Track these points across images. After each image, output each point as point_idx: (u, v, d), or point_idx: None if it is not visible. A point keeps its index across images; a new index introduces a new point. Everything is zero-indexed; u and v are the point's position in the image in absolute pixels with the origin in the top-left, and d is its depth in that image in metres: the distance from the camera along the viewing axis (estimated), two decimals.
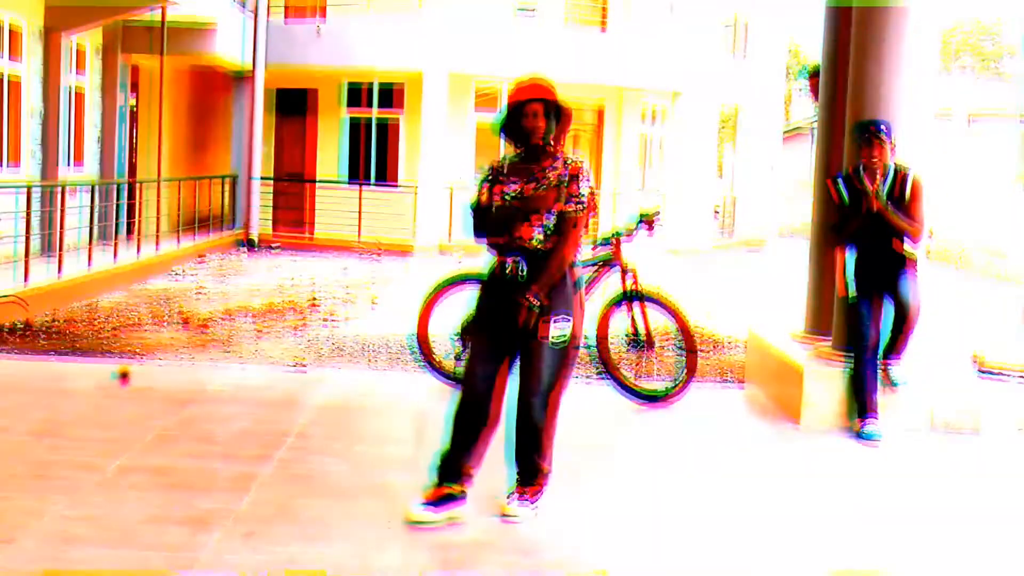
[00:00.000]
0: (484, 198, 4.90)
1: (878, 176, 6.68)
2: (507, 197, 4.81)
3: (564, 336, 4.76)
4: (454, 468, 4.74)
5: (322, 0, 22.41)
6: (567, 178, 4.78)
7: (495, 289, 4.84)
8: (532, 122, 4.76)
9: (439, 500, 4.69)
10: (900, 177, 6.70)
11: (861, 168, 6.73)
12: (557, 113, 4.81)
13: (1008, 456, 6.58)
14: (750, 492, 5.58)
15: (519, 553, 4.45)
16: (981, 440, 6.80)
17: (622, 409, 7.25)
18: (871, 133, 6.63)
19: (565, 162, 4.82)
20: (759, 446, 6.58)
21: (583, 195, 4.80)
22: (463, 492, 4.75)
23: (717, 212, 27.29)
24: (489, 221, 4.87)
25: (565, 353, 4.79)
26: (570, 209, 4.78)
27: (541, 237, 4.77)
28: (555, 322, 4.74)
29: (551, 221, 4.77)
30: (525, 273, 4.75)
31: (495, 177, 4.91)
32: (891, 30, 6.91)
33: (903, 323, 6.76)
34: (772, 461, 6.25)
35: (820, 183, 7.92)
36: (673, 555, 4.60)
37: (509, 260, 4.79)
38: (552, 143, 4.84)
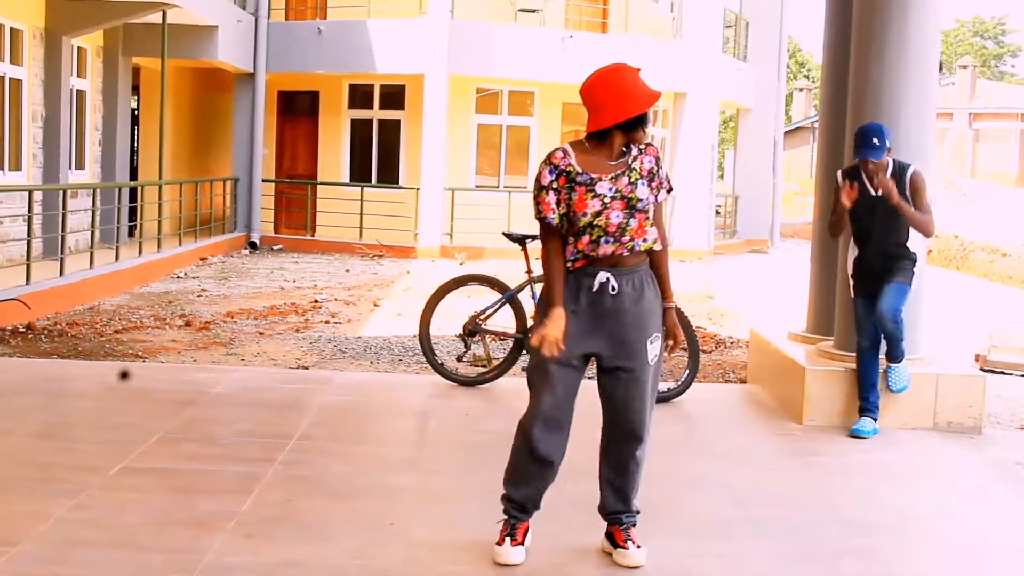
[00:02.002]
0: (555, 216, 4.15)
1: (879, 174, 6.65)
2: (607, 200, 4.12)
3: (656, 356, 4.29)
4: (537, 501, 4.42)
5: (323, 1, 22.48)
6: (654, 164, 4.21)
7: (579, 307, 4.20)
8: (646, 127, 4.17)
9: (524, 535, 4.40)
10: (903, 174, 6.63)
11: (860, 168, 6.72)
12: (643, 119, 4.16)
13: (1010, 455, 6.57)
14: (749, 489, 5.59)
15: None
16: (983, 439, 6.80)
17: None
18: (867, 150, 6.48)
19: (640, 149, 4.21)
20: (761, 444, 6.59)
21: (667, 178, 4.28)
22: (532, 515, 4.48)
23: (719, 213, 27.30)
24: (574, 232, 4.17)
25: (656, 375, 4.37)
26: (664, 198, 4.27)
27: (655, 235, 4.22)
28: (651, 343, 4.26)
29: (651, 215, 4.21)
30: (616, 288, 4.17)
31: (569, 179, 4.14)
32: (893, 28, 6.91)
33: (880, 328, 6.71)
34: (773, 459, 6.25)
35: (823, 183, 7.93)
36: (671, 553, 4.60)
37: (599, 277, 4.17)
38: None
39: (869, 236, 6.70)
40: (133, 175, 19.55)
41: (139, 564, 4.20)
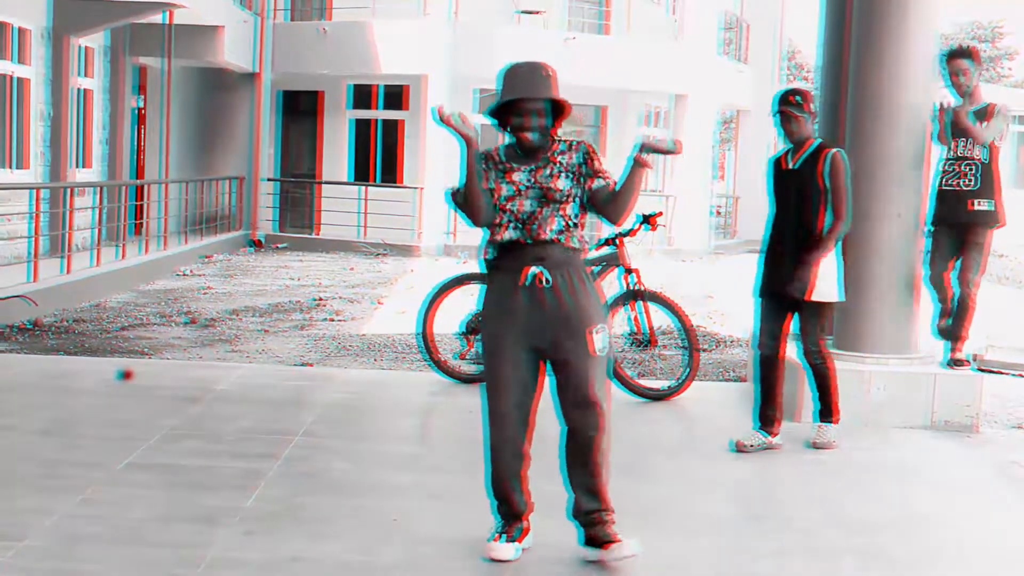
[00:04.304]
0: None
1: (800, 149, 6.14)
2: (522, 188, 4.29)
3: (606, 347, 4.32)
4: (519, 504, 4.41)
5: (327, 3, 22.56)
6: (584, 158, 4.30)
7: (516, 303, 4.28)
8: (530, 122, 4.26)
9: (515, 534, 4.40)
10: (822, 153, 6.10)
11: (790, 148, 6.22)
12: (556, 107, 4.30)
13: (1007, 454, 6.62)
14: (748, 487, 5.64)
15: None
16: (980, 438, 6.84)
17: (624, 406, 7.29)
18: (786, 105, 6.05)
19: (570, 145, 4.33)
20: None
21: (606, 169, 4.32)
22: (528, 520, 4.47)
23: (719, 213, 27.36)
24: (482, 206, 4.31)
25: (607, 364, 4.36)
26: (604, 182, 4.29)
27: (563, 227, 4.28)
28: (596, 333, 4.28)
29: (574, 211, 4.31)
30: (550, 282, 4.25)
31: (491, 165, 4.36)
32: (892, 33, 6.95)
33: (815, 380, 6.31)
34: (772, 457, 6.27)
35: None
36: (671, 550, 4.65)
37: (531, 270, 4.24)
38: (550, 135, 4.34)
39: (784, 220, 6.20)
40: (137, 174, 19.63)
41: (144, 559, 4.25)
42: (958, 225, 7.24)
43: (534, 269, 4.26)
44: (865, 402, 6.90)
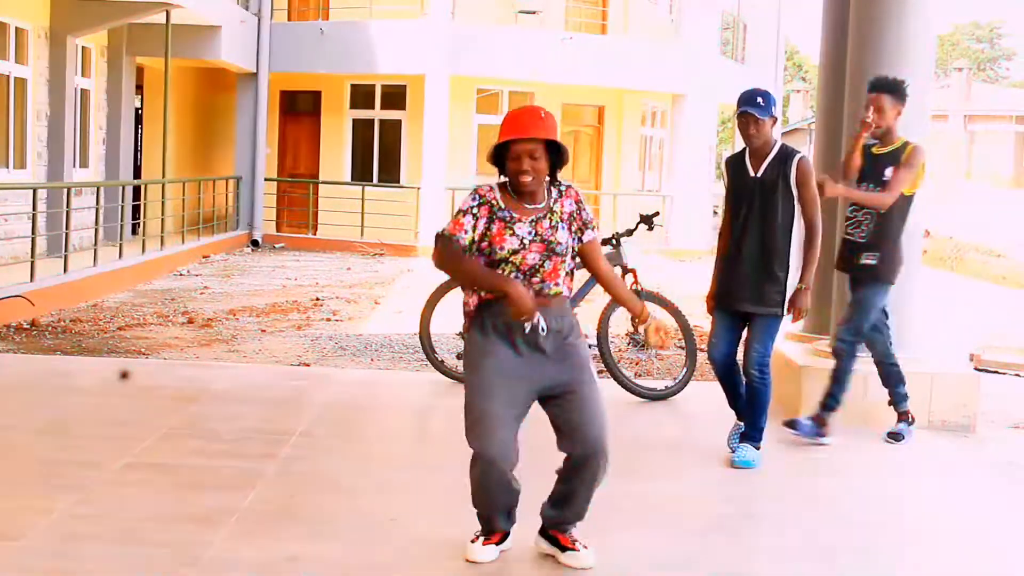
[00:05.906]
0: (466, 236, 4.17)
1: (763, 155, 5.80)
2: (526, 241, 4.15)
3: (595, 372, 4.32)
4: (501, 521, 4.41)
5: (325, 2, 22.57)
6: (575, 207, 4.23)
7: (515, 351, 4.22)
8: (529, 165, 4.09)
9: (499, 541, 4.41)
10: (790, 160, 5.76)
11: (747, 150, 5.89)
12: (556, 151, 4.14)
13: (1003, 454, 6.62)
14: (746, 486, 5.64)
15: (513, 544, 4.48)
16: (977, 438, 6.85)
17: (624, 406, 7.31)
18: (751, 106, 5.70)
19: (560, 191, 4.24)
20: None
21: (592, 219, 4.30)
22: (510, 529, 4.47)
23: (716, 213, 27.38)
24: (473, 266, 4.18)
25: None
26: (592, 237, 4.27)
27: (564, 277, 4.23)
28: (591, 360, 4.33)
29: (570, 260, 4.23)
30: (545, 330, 4.15)
31: (493, 215, 4.19)
32: (891, 34, 6.96)
33: (748, 397, 5.95)
34: (770, 456, 6.28)
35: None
36: (670, 549, 4.66)
37: (536, 318, 4.12)
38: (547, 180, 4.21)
39: (745, 230, 5.88)
40: (136, 173, 19.64)
41: (142, 559, 4.25)
42: (851, 276, 6.56)
43: (535, 316, 4.13)
44: (864, 402, 6.91)
